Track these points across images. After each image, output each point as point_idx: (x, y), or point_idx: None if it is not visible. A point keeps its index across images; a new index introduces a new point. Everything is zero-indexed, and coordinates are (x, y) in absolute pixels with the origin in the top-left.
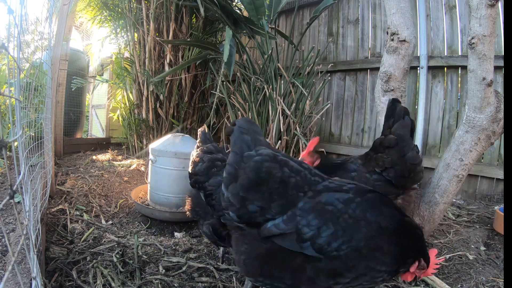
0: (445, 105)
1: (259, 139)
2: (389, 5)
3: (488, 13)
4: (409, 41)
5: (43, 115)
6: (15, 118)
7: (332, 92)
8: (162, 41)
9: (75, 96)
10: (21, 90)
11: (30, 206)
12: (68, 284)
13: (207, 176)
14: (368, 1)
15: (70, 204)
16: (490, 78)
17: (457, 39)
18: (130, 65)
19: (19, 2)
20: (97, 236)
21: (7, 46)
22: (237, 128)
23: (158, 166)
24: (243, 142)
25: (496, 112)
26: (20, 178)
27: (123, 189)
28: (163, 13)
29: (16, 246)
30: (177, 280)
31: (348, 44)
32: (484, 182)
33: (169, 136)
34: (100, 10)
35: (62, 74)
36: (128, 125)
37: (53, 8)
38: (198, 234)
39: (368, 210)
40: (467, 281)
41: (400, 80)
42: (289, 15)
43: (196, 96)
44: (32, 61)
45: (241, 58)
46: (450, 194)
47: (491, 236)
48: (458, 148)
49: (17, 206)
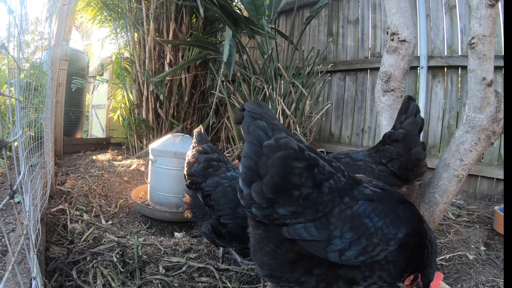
0: (445, 105)
1: (275, 123)
2: (389, 5)
3: (488, 13)
4: (409, 41)
5: (43, 115)
6: (15, 118)
7: (332, 92)
8: (162, 41)
9: (75, 96)
10: (21, 90)
11: (30, 206)
12: (68, 284)
13: (204, 177)
14: (368, 1)
15: (70, 204)
16: (490, 78)
17: (457, 39)
18: (130, 65)
19: (19, 2)
20: (97, 236)
21: (7, 46)
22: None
23: (158, 166)
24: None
25: (496, 112)
26: (20, 178)
27: (123, 189)
28: (163, 13)
29: (16, 246)
30: (177, 280)
31: (348, 44)
32: (484, 182)
33: (169, 136)
34: (100, 10)
35: (62, 74)
36: (128, 125)
37: (53, 8)
38: (198, 234)
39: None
40: (467, 281)
41: (400, 80)
42: (289, 15)
43: (196, 96)
44: (32, 61)
45: (241, 58)
46: (450, 194)
47: (491, 236)
48: (458, 148)
49: (17, 206)
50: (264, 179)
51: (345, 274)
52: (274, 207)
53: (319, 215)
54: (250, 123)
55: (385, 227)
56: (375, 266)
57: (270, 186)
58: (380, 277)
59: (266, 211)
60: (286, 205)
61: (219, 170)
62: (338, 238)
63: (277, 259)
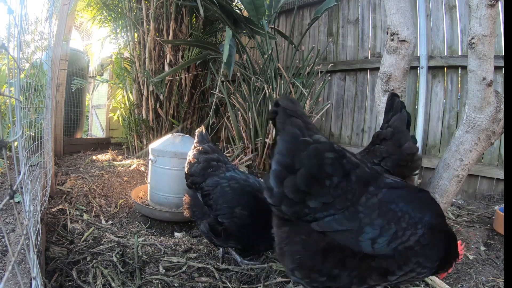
0: (445, 105)
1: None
2: (389, 5)
3: (488, 13)
4: (409, 41)
5: (43, 115)
6: (15, 118)
7: (332, 92)
8: (162, 41)
9: (75, 96)
10: (21, 90)
11: (30, 206)
12: (68, 284)
13: (204, 177)
14: (368, 1)
15: (70, 204)
16: (490, 78)
17: (457, 39)
18: (130, 65)
19: (19, 2)
20: (97, 236)
21: (7, 46)
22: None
23: (158, 166)
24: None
25: (496, 112)
26: (20, 178)
27: (123, 189)
28: (163, 13)
29: (16, 246)
30: (177, 280)
31: (348, 44)
32: (484, 182)
33: (169, 136)
34: (100, 10)
35: (62, 74)
36: (128, 125)
37: (53, 8)
38: (198, 234)
39: (424, 209)
40: (467, 281)
41: (400, 80)
42: (289, 15)
43: (196, 96)
44: (32, 61)
45: (241, 58)
46: (450, 194)
47: (491, 236)
48: (458, 148)
49: (17, 206)
50: (299, 172)
51: (379, 265)
52: (306, 200)
53: (348, 204)
54: (285, 120)
55: (411, 211)
56: (409, 252)
57: (304, 177)
58: (417, 263)
59: (296, 207)
60: (318, 196)
61: (219, 170)
62: (369, 226)
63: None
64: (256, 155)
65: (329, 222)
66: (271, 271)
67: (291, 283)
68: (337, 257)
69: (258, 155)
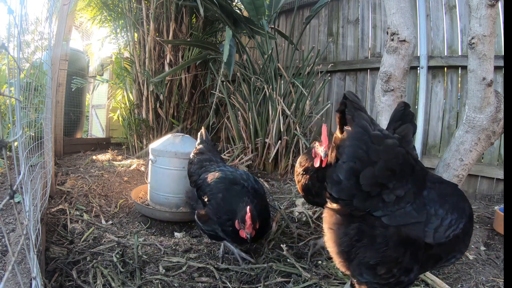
0: (445, 105)
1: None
2: (389, 5)
3: (488, 13)
4: (409, 41)
5: (43, 115)
6: (15, 118)
7: (332, 92)
8: (162, 41)
9: (75, 96)
10: (21, 90)
11: (30, 206)
12: (68, 284)
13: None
14: (368, 1)
15: (70, 204)
16: (490, 78)
17: (457, 39)
18: (130, 65)
19: (19, 2)
20: (97, 236)
21: (7, 46)
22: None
23: (158, 166)
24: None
25: (496, 112)
26: (20, 178)
27: (123, 189)
28: (163, 13)
29: (16, 246)
30: (177, 280)
31: (348, 44)
32: (484, 182)
33: (169, 136)
34: (100, 10)
35: (62, 74)
36: (128, 125)
37: (53, 8)
38: (198, 234)
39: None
40: (467, 281)
41: (400, 80)
42: (289, 15)
43: (196, 96)
44: (32, 61)
45: (241, 58)
46: None
47: (491, 236)
48: (458, 148)
49: (17, 206)
50: (377, 165)
51: (435, 252)
52: (381, 194)
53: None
54: (355, 113)
55: (459, 202)
56: (455, 240)
57: (383, 170)
58: (459, 251)
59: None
60: (395, 189)
61: (211, 167)
62: (434, 216)
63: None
64: (256, 155)
65: (402, 215)
66: (271, 271)
67: (291, 283)
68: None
69: (258, 155)
